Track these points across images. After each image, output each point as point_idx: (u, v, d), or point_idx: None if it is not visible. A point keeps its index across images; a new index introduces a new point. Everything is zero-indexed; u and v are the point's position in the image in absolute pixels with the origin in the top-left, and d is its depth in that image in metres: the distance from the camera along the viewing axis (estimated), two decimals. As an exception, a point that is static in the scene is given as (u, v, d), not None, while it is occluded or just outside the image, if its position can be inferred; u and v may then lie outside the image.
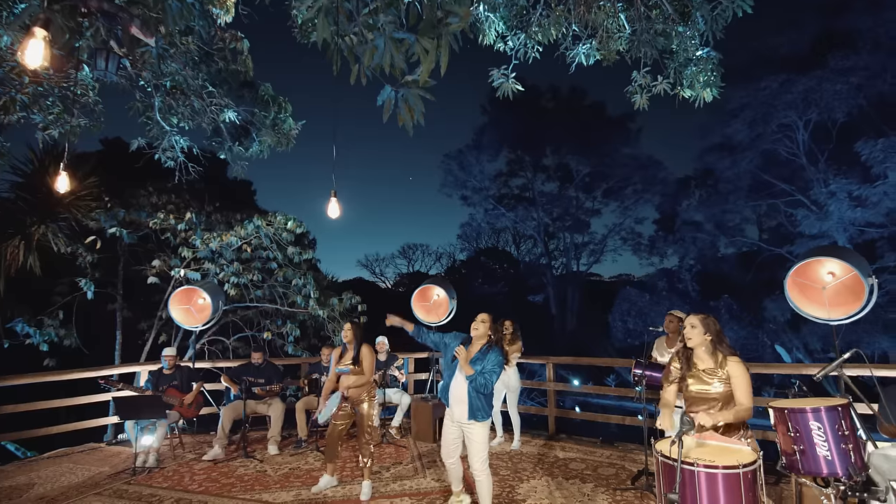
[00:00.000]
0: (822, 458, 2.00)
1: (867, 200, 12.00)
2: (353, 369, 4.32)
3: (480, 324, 3.40)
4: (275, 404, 5.88)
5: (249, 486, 4.56)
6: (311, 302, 8.55)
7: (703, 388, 2.59)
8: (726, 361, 2.60)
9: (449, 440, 3.54)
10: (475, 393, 3.31)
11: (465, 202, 26.23)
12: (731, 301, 15.84)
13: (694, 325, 2.71)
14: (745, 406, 2.44)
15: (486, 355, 3.33)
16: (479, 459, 3.37)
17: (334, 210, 4.47)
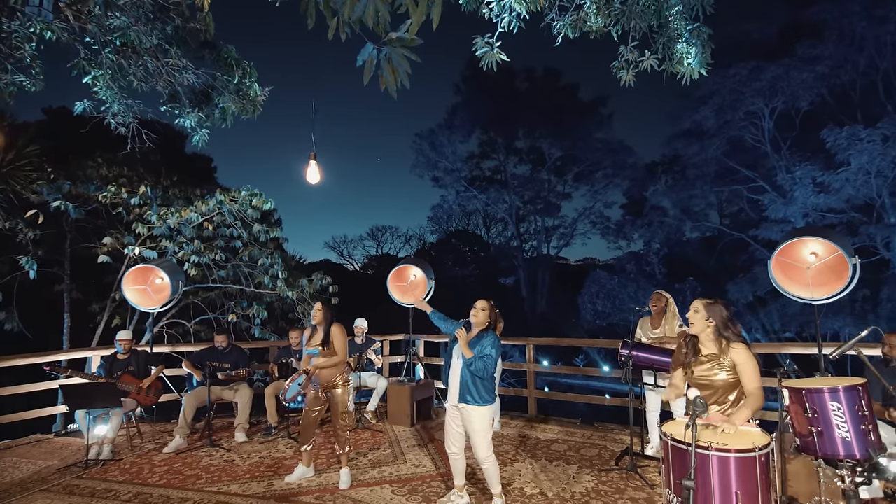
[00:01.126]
0: (840, 440, 1.92)
1: (830, 187, 12.49)
2: (322, 350, 4.06)
3: (480, 311, 3.30)
4: (242, 390, 5.55)
5: (216, 477, 4.26)
6: (280, 283, 8.14)
7: (706, 374, 2.49)
8: (730, 348, 2.49)
9: (450, 428, 3.40)
10: (470, 375, 3.22)
11: (437, 183, 25.91)
12: (695, 283, 16.36)
13: (697, 311, 2.59)
14: (756, 394, 2.34)
15: (482, 338, 3.26)
16: (481, 447, 3.26)
17: (314, 175, 4.12)
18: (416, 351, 6.73)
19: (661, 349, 4.21)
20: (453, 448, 3.41)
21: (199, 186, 9.94)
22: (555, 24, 3.98)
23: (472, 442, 3.27)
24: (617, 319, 17.28)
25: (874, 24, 12.86)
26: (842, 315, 12.70)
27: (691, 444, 1.99)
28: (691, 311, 2.61)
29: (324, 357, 4.06)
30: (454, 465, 3.48)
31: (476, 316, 3.30)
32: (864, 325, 9.86)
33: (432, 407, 6.19)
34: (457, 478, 3.50)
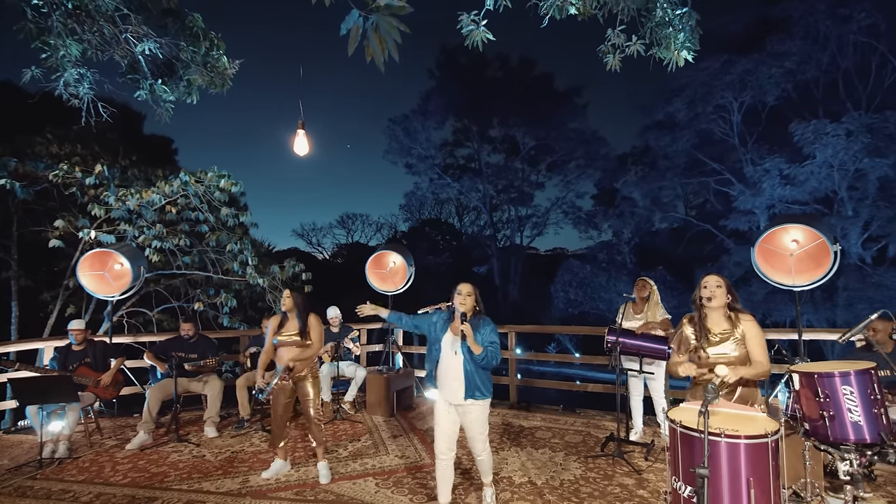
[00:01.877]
0: (852, 424, 1.89)
1: (795, 179, 12.97)
2: (297, 342, 3.83)
3: (467, 297, 2.99)
4: (211, 382, 5.25)
5: (186, 474, 4.00)
6: (249, 269, 7.78)
7: (720, 352, 2.44)
8: (740, 321, 2.45)
9: (445, 428, 3.04)
10: (475, 368, 2.95)
11: (410, 170, 25.55)
12: (665, 272, 16.80)
13: (720, 285, 2.53)
14: (764, 363, 2.32)
15: (479, 327, 3.00)
16: (479, 440, 3.05)
17: (302, 145, 3.82)
18: (395, 340, 6.56)
19: (648, 335, 4.20)
20: (448, 454, 3.05)
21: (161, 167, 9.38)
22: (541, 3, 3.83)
23: (471, 436, 3.05)
24: (588, 308, 17.60)
25: (838, 23, 13.34)
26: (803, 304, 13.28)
27: (704, 431, 1.92)
28: (713, 285, 2.53)
29: (300, 348, 3.84)
30: (443, 473, 3.08)
31: (464, 303, 2.97)
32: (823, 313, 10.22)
33: (412, 396, 6.06)
34: (444, 494, 3.10)
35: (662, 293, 4.71)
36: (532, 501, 3.34)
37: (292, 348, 3.85)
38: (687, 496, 2.09)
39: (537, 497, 3.40)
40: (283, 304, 3.94)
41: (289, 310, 3.93)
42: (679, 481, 2.14)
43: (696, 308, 2.61)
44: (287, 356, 3.85)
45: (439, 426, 3.06)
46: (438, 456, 3.07)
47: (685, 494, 2.10)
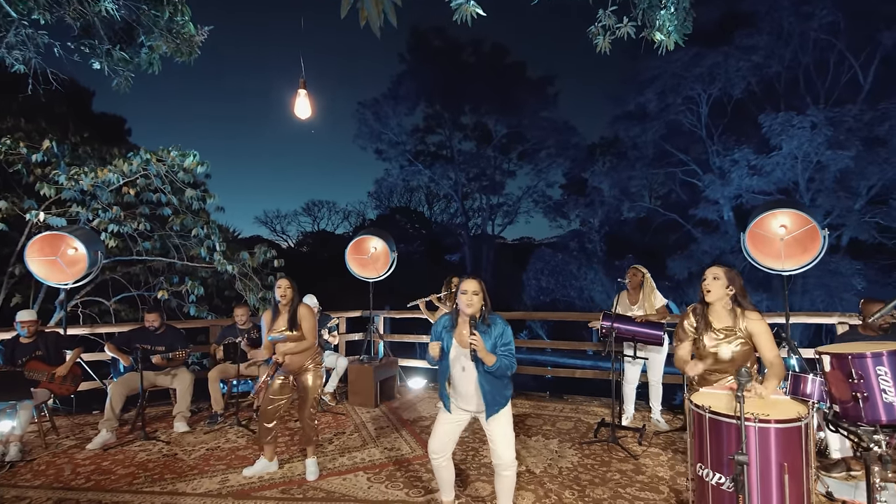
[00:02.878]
0: (884, 405, 1.86)
1: (762, 170, 13.45)
2: (290, 335, 3.56)
3: (473, 296, 2.55)
4: (181, 375, 4.90)
5: (157, 474, 3.68)
6: (217, 256, 7.32)
7: (717, 346, 2.37)
8: (745, 318, 2.38)
9: (443, 431, 2.73)
10: (490, 384, 2.56)
11: (380, 156, 25.00)
12: (634, 260, 17.19)
13: (717, 277, 2.45)
14: (778, 363, 2.27)
15: (490, 331, 2.57)
16: (509, 450, 2.63)
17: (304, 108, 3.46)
18: (376, 328, 6.34)
19: (643, 321, 4.18)
20: (443, 454, 2.75)
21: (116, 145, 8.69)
22: (532, -19, 3.66)
23: (498, 446, 2.62)
24: (559, 295, 17.86)
25: (800, 20, 13.83)
26: (761, 291, 13.90)
27: (740, 417, 1.84)
28: (709, 277, 2.46)
29: (293, 342, 3.57)
30: (442, 476, 2.82)
31: (471, 304, 2.53)
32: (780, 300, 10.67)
33: (396, 386, 5.88)
34: (447, 492, 2.87)
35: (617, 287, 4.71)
36: (534, 491, 3.24)
37: (286, 343, 3.58)
38: (715, 483, 2.02)
39: (538, 486, 3.31)
40: (281, 295, 3.59)
41: (287, 301, 3.62)
42: (706, 468, 2.06)
43: (700, 300, 2.53)
44: (281, 351, 3.59)
45: (442, 429, 2.73)
46: (432, 457, 2.77)
47: (713, 482, 2.02)
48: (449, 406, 2.72)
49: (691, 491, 2.20)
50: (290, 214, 34.71)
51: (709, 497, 2.04)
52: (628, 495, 3.16)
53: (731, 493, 1.96)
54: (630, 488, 3.26)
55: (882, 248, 13.14)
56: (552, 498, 3.14)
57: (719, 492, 1.99)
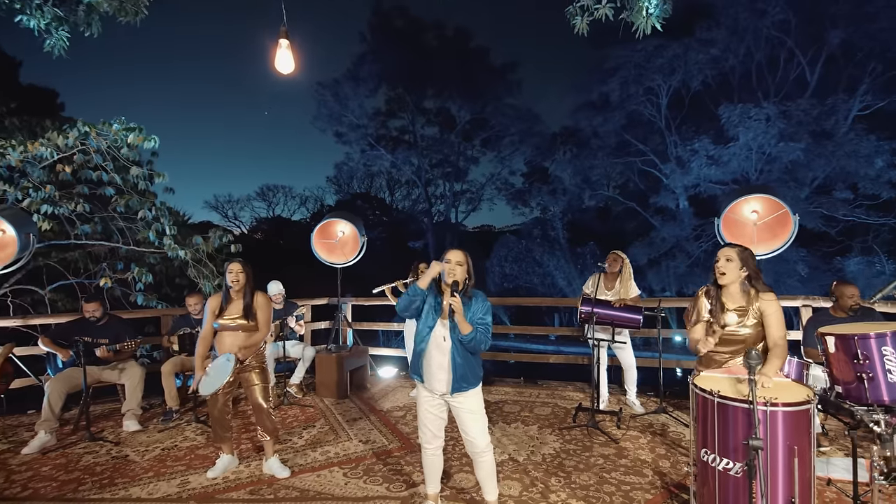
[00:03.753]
0: (888, 385, 1.85)
1: (720, 160, 13.98)
2: (244, 325, 3.26)
3: (457, 266, 2.49)
4: (129, 369, 4.48)
5: (107, 479, 3.33)
6: (167, 240, 6.77)
7: (732, 328, 2.31)
8: (758, 299, 2.32)
9: (429, 417, 2.61)
10: (464, 355, 2.49)
11: (341, 140, 24.17)
12: (595, 248, 17.63)
13: (730, 259, 2.37)
14: (783, 345, 2.24)
15: (470, 303, 2.53)
16: (482, 434, 2.55)
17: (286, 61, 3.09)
18: (344, 315, 6.07)
19: (622, 306, 4.16)
20: (435, 443, 2.65)
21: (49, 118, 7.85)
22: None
23: (469, 430, 2.54)
24: (523, 282, 18.05)
25: (755, 17, 14.37)
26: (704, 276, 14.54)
27: (752, 401, 1.78)
28: (722, 259, 2.39)
29: (246, 333, 3.27)
30: (431, 466, 2.70)
31: (454, 273, 2.47)
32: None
33: (366, 376, 5.66)
34: (432, 484, 2.75)
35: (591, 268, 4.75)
36: (520, 480, 3.15)
37: (237, 333, 3.27)
38: (722, 469, 1.96)
39: (524, 475, 3.22)
40: (233, 280, 3.29)
41: (239, 287, 3.31)
42: (712, 453, 2.00)
43: (713, 281, 2.46)
44: (231, 342, 3.27)
45: (423, 415, 2.63)
46: (424, 447, 2.68)
47: (720, 467, 1.97)
48: (422, 376, 2.58)
49: (693, 476, 2.14)
50: (242, 199, 33.35)
51: (715, 482, 1.98)
52: (614, 480, 3.12)
53: (739, 478, 1.91)
54: (615, 473, 3.23)
55: (824, 237, 14.04)
56: (539, 486, 3.06)
57: (726, 477, 1.94)
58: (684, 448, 3.60)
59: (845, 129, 13.03)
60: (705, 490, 2.08)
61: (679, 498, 2.86)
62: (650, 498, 2.88)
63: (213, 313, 3.31)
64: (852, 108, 13.47)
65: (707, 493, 2.05)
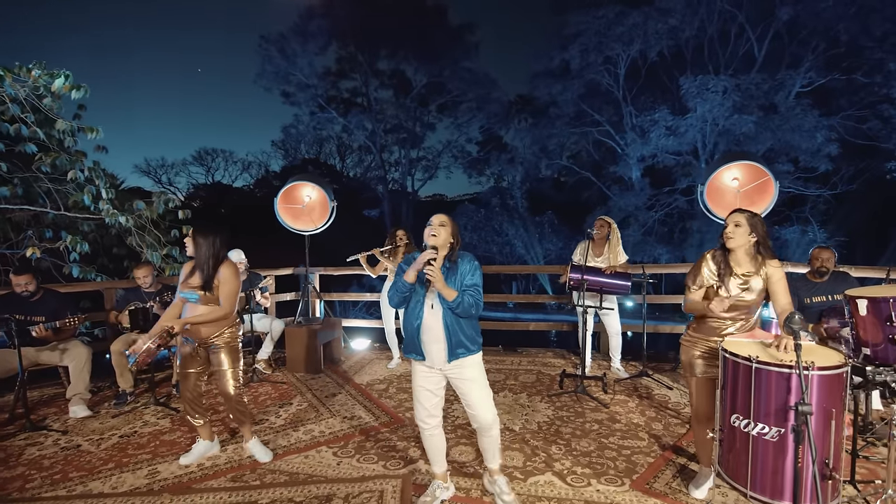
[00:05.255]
0: (916, 347, 1.86)
1: (677, 130, 14.37)
2: (203, 297, 2.87)
3: (440, 228, 2.35)
4: (73, 349, 3.99)
5: (59, 473, 2.93)
6: (105, 204, 6.02)
7: (738, 294, 2.28)
8: (766, 265, 2.30)
9: (426, 397, 2.45)
10: (456, 321, 2.33)
11: (288, 100, 22.64)
12: (553, 217, 17.87)
13: (739, 224, 2.32)
14: (790, 310, 2.22)
15: (457, 266, 2.37)
16: (487, 406, 2.40)
17: None
18: (313, 286, 5.71)
19: (612, 272, 4.13)
20: (431, 421, 2.48)
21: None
22: None
23: (473, 401, 2.38)
24: (482, 251, 18.05)
25: (709, -10, 14.62)
26: (662, 244, 15.24)
27: (798, 365, 1.73)
28: (730, 225, 2.33)
29: (204, 305, 2.88)
30: (433, 446, 2.54)
31: (436, 235, 2.33)
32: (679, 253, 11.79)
33: (340, 349, 5.39)
34: (438, 463, 2.58)
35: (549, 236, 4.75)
36: (521, 450, 3.08)
37: (197, 306, 2.88)
38: (757, 434, 1.94)
39: (523, 444, 3.15)
40: (191, 247, 2.89)
41: (196, 255, 2.92)
42: (745, 419, 1.97)
43: (719, 245, 2.41)
44: (189, 314, 2.89)
45: (418, 392, 2.46)
46: (421, 426, 2.51)
47: (755, 432, 1.94)
48: (423, 352, 2.39)
49: (717, 441, 2.12)
50: (178, 164, 30.99)
51: (747, 447, 1.97)
52: (613, 445, 3.12)
53: (775, 442, 1.90)
54: (612, 437, 3.23)
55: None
56: (541, 455, 3.00)
57: (761, 441, 1.92)
58: (672, 410, 3.68)
59: (792, 104, 13.77)
60: (731, 456, 2.07)
61: (678, 461, 2.90)
62: (652, 461, 2.90)
63: (182, 281, 2.93)
64: (795, 85, 14.23)
65: (735, 459, 2.04)
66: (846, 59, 13.87)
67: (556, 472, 2.79)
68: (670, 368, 4.60)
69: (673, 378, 4.36)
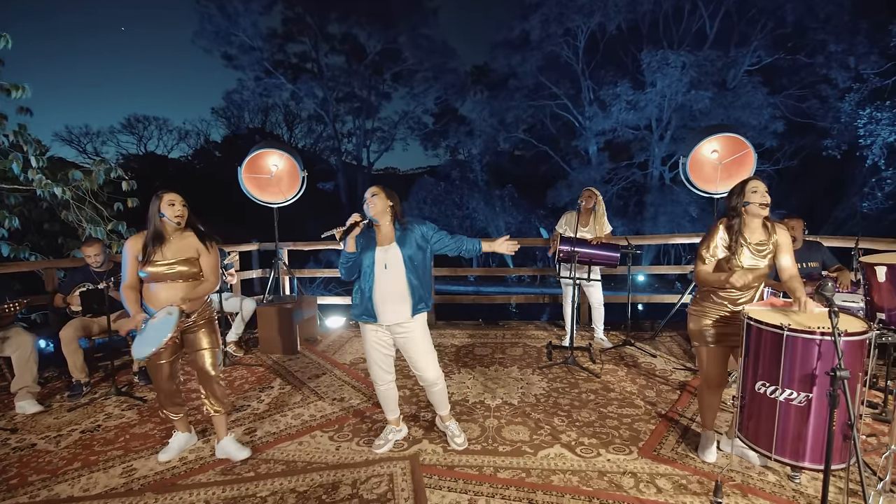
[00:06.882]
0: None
1: (637, 104, 14.62)
2: (185, 273, 2.57)
3: (373, 198, 2.48)
4: (15, 338, 3.54)
5: (16, 477, 2.59)
6: (36, 174, 5.33)
7: (755, 262, 2.31)
8: (775, 232, 2.34)
9: (378, 356, 2.64)
10: (418, 275, 2.52)
11: (231, 63, 21.03)
12: (513, 190, 17.91)
13: (755, 190, 2.32)
14: (797, 274, 2.29)
15: (411, 230, 2.55)
16: (432, 364, 2.63)
17: None
18: (284, 262, 5.37)
19: (600, 244, 4.12)
20: (388, 377, 2.69)
21: None
22: None
23: (417, 357, 2.59)
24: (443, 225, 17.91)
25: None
26: (618, 217, 15.70)
27: (833, 332, 1.75)
28: (763, 190, 2.31)
29: (187, 282, 2.59)
30: (387, 398, 2.76)
31: (374, 205, 2.47)
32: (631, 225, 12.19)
33: (316, 328, 5.14)
34: (392, 411, 2.83)
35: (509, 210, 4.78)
36: (524, 423, 3.04)
37: (176, 284, 2.57)
38: (784, 399, 1.97)
39: (526, 418, 3.12)
40: (177, 216, 2.54)
41: (180, 224, 2.58)
42: (772, 385, 2.00)
43: (734, 215, 2.39)
44: (169, 296, 2.55)
45: (371, 354, 2.64)
46: (378, 384, 2.71)
47: (782, 398, 1.97)
48: (375, 313, 2.53)
49: (738, 409, 2.15)
50: (104, 132, 28.40)
51: (773, 413, 2.00)
52: (613, 414, 3.16)
53: (803, 407, 1.94)
54: (610, 407, 3.27)
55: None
56: (545, 428, 2.98)
57: (789, 407, 1.96)
58: (661, 377, 3.77)
59: (744, 80, 14.36)
60: (752, 424, 2.11)
61: (678, 426, 2.97)
62: (654, 428, 2.95)
63: (134, 259, 2.53)
64: (744, 63, 14.84)
65: (757, 424, 2.07)
66: (791, 38, 14.60)
67: (565, 445, 2.78)
68: (650, 337, 4.73)
69: (654, 346, 4.49)
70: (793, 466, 2.10)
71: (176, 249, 2.58)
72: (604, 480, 2.40)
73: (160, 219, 2.53)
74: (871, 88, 13.80)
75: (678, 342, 4.61)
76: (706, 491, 2.28)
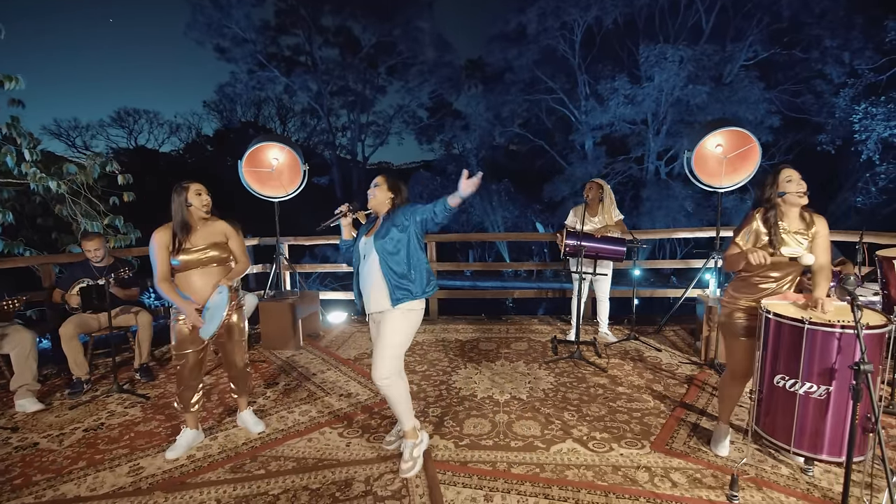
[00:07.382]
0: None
1: (635, 99, 14.60)
2: (216, 257, 2.69)
3: (374, 189, 2.50)
4: (14, 335, 3.48)
5: (20, 477, 2.54)
6: (30, 168, 5.22)
7: (793, 251, 2.26)
8: (814, 223, 2.29)
9: None
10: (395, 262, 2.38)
11: (224, 56, 20.73)
12: (509, 184, 17.86)
13: (790, 179, 2.26)
14: (829, 267, 2.25)
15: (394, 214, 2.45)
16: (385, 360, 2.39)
17: None
18: (284, 255, 5.31)
19: (606, 238, 4.11)
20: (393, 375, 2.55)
21: None
22: None
23: (376, 351, 2.42)
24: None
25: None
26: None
27: (856, 326, 1.74)
28: (781, 180, 2.26)
29: (220, 267, 2.72)
30: None
31: (374, 196, 2.49)
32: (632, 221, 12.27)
33: (319, 323, 5.09)
34: None
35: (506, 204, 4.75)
36: (535, 418, 3.03)
37: (210, 269, 2.66)
38: (804, 393, 1.97)
39: (536, 413, 3.11)
40: (205, 205, 2.66)
41: (207, 213, 2.70)
42: (791, 379, 1.99)
43: (770, 206, 2.33)
44: (204, 283, 2.65)
45: None
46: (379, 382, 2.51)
47: (801, 391, 1.97)
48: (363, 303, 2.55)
49: (755, 402, 2.15)
50: (94, 125, 27.99)
51: (792, 406, 2.01)
52: (623, 408, 3.15)
53: (822, 400, 1.94)
54: (619, 401, 3.27)
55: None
56: (556, 423, 2.97)
57: (809, 400, 1.96)
58: (667, 371, 3.78)
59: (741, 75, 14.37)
60: (768, 419, 2.11)
61: (688, 420, 2.98)
62: (664, 422, 2.95)
63: (165, 249, 2.63)
64: (740, 58, 14.87)
65: (775, 418, 2.07)
66: (787, 33, 14.63)
67: (577, 439, 2.77)
68: (654, 331, 4.74)
69: (658, 340, 4.50)
70: (811, 459, 2.10)
71: (205, 235, 2.68)
72: (618, 475, 2.40)
73: (187, 208, 2.63)
74: (865, 84, 13.90)
75: (682, 336, 4.63)
76: (721, 485, 2.28)
